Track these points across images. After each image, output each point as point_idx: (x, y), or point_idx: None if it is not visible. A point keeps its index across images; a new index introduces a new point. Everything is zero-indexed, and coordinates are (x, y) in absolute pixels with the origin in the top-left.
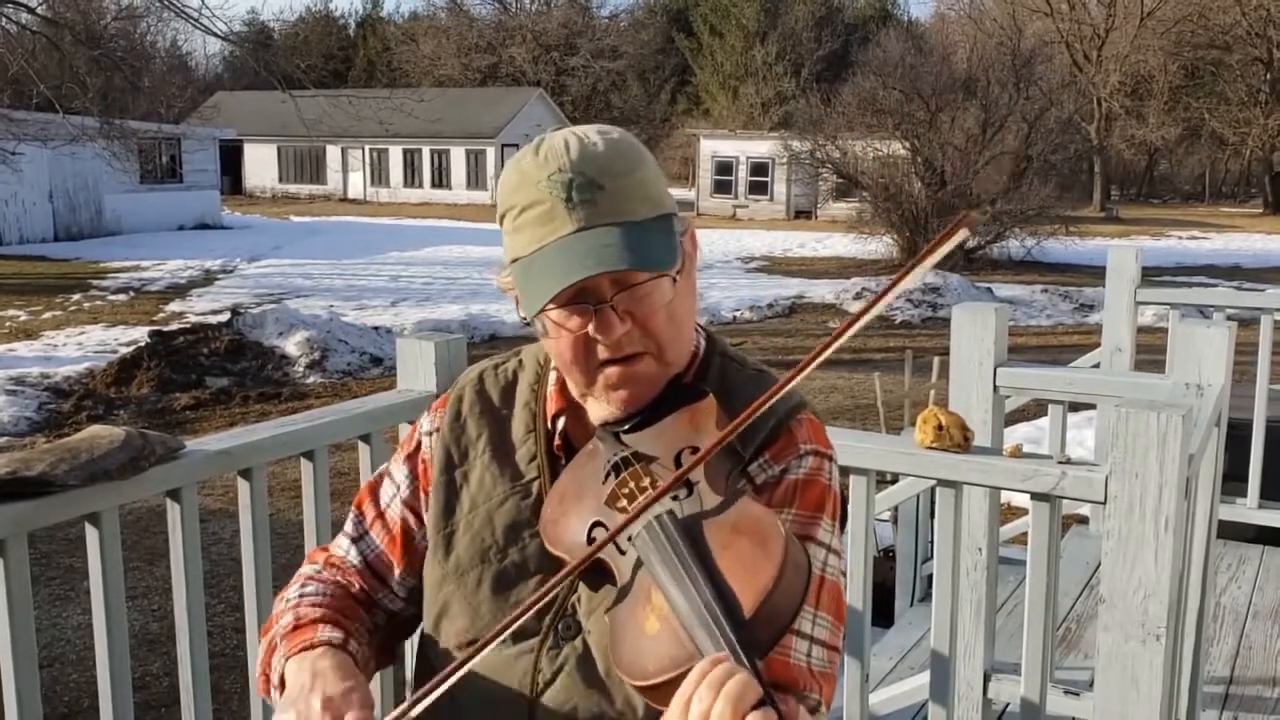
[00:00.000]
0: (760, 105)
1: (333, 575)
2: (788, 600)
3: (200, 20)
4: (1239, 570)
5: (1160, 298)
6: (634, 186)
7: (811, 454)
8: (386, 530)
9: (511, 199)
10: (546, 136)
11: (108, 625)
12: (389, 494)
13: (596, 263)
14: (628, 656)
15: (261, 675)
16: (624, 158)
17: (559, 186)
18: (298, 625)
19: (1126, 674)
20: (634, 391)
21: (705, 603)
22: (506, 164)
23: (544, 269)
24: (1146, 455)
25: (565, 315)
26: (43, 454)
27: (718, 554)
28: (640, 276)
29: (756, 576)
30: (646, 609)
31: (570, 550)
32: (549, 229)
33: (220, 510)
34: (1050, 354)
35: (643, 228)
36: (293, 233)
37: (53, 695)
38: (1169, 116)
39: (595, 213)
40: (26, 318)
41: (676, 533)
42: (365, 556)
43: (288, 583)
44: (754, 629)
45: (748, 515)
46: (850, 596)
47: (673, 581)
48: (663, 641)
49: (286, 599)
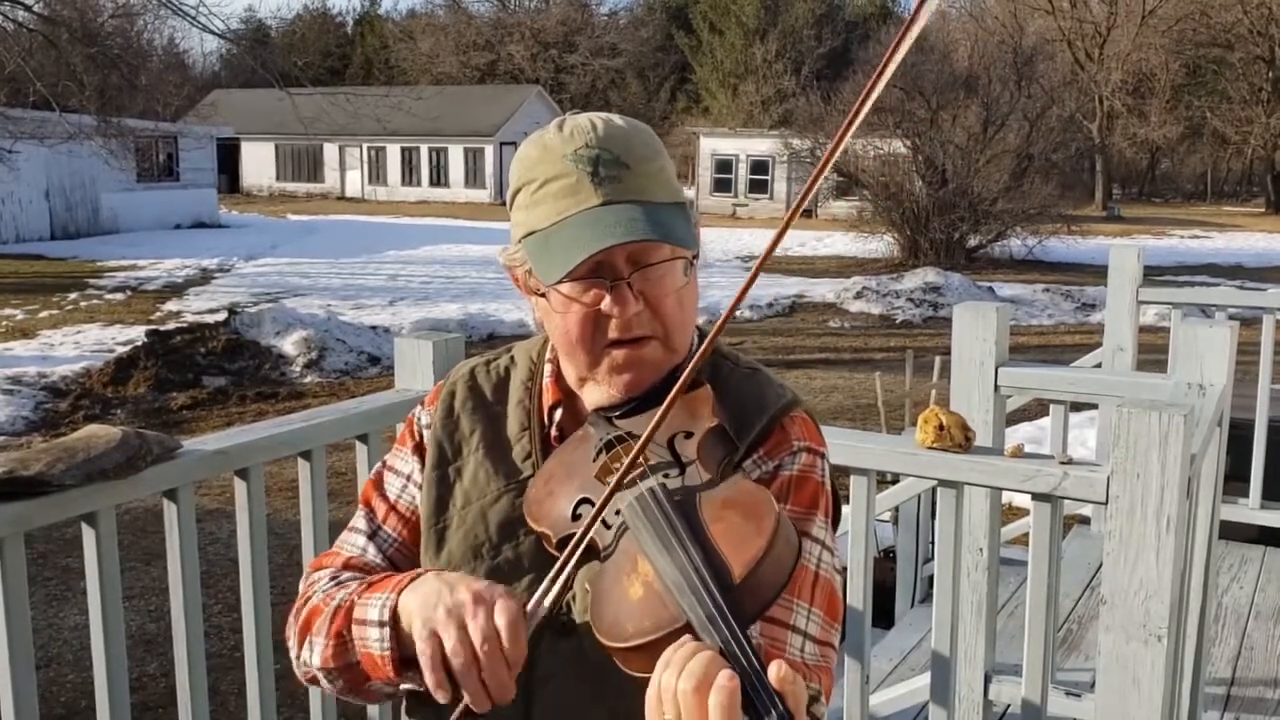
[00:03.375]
0: (760, 103)
1: (355, 575)
2: (775, 573)
3: (197, 18)
4: (1241, 571)
5: (1162, 297)
6: (655, 172)
7: (805, 451)
8: (403, 521)
9: (532, 172)
10: (569, 116)
11: (105, 625)
12: (397, 485)
13: (626, 232)
14: (608, 619)
15: (333, 637)
16: (647, 145)
17: (585, 161)
18: (372, 585)
19: (1128, 675)
20: (637, 375)
21: (694, 567)
22: (525, 142)
23: (569, 238)
24: (1148, 455)
25: (580, 289)
26: (39, 454)
27: (709, 525)
28: (658, 255)
29: (746, 546)
30: (632, 577)
31: (554, 526)
32: (572, 201)
33: (217, 510)
34: (1052, 353)
35: (665, 209)
36: (290, 231)
37: (49, 696)
38: (1171, 115)
39: (620, 189)
40: (23, 317)
41: (668, 503)
42: (385, 552)
43: (295, 602)
44: (740, 596)
45: (740, 489)
46: (851, 597)
47: (661, 549)
48: (645, 605)
49: (322, 589)
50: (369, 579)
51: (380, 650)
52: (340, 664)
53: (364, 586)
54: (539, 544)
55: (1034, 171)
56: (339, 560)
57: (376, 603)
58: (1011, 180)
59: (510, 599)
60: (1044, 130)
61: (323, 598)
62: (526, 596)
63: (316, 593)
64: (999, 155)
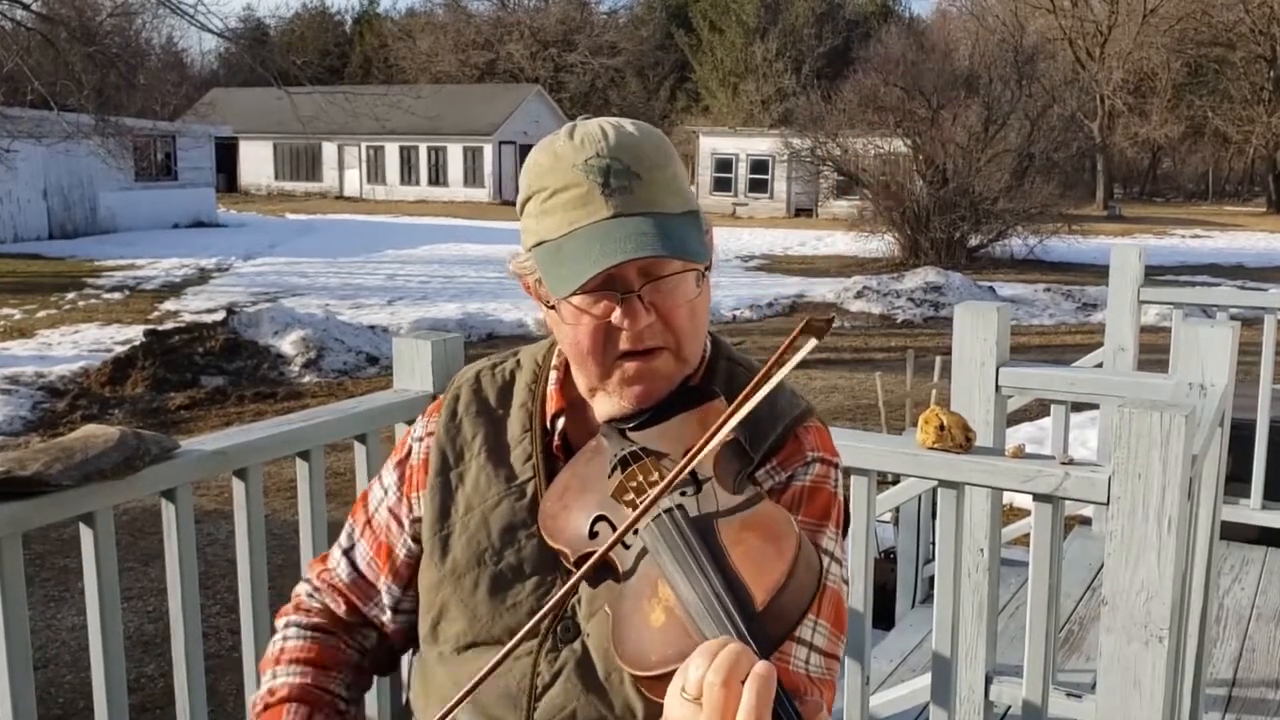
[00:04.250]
0: (760, 102)
1: (321, 603)
2: (798, 597)
3: (196, 17)
4: (1242, 571)
5: (1163, 297)
6: (667, 180)
7: (818, 461)
8: (374, 536)
9: (542, 181)
10: (580, 123)
11: (102, 626)
12: (376, 499)
13: (636, 248)
14: (631, 648)
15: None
16: (659, 151)
17: (596, 171)
18: (268, 706)
19: (1129, 676)
20: (649, 387)
21: (715, 594)
22: (535, 148)
23: (579, 251)
24: (1149, 456)
25: (590, 301)
26: (37, 454)
27: (729, 549)
28: (670, 268)
29: (768, 571)
30: (653, 601)
31: (571, 544)
32: (583, 212)
33: (215, 511)
34: (1053, 353)
35: (677, 220)
36: (288, 231)
37: (47, 697)
38: (1172, 114)
39: (631, 201)
40: (21, 316)
41: (687, 526)
42: (355, 565)
43: (282, 608)
44: (764, 623)
45: (760, 512)
46: (851, 598)
47: (682, 574)
48: (669, 632)
49: (274, 640)
50: (272, 693)
51: None
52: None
53: (261, 709)
54: (540, 548)
55: (1035, 171)
56: (318, 572)
57: None
58: (1012, 179)
59: None
60: (1045, 129)
61: (266, 659)
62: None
63: (280, 639)
64: (1000, 154)
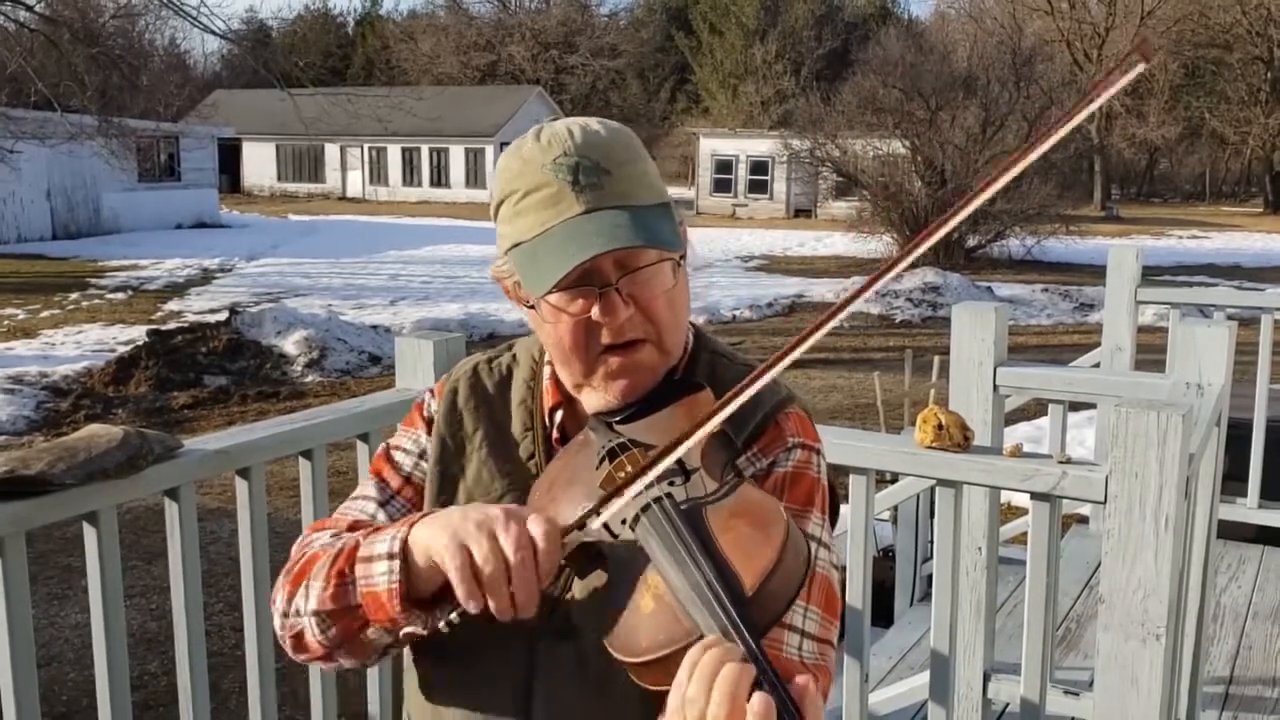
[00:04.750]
0: (760, 104)
1: None
2: (787, 583)
3: (198, 18)
4: (1239, 570)
5: (1160, 297)
6: (638, 175)
7: (799, 447)
8: (418, 494)
9: (513, 184)
10: (545, 125)
11: (106, 624)
12: (409, 462)
13: (609, 240)
14: (621, 634)
15: (334, 578)
16: (626, 147)
17: (565, 170)
18: (379, 528)
19: (1126, 674)
20: (633, 380)
21: (706, 580)
22: (504, 153)
23: (554, 249)
24: (1147, 455)
25: (568, 299)
26: (41, 453)
27: (718, 536)
28: (645, 259)
29: (756, 557)
30: (643, 589)
31: None
32: (554, 211)
33: (218, 509)
34: (1050, 353)
35: (648, 211)
36: (291, 231)
37: (51, 694)
38: (1169, 115)
39: (602, 196)
40: (24, 316)
41: (676, 514)
42: (394, 519)
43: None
44: (754, 607)
45: (747, 499)
46: (850, 596)
47: (671, 561)
48: (658, 619)
49: (323, 543)
50: (376, 525)
51: (387, 584)
52: (338, 606)
53: (370, 530)
54: None
55: (1033, 172)
56: (344, 523)
57: (386, 537)
58: (1010, 180)
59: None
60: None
61: (322, 547)
62: None
63: (315, 545)
64: (998, 156)
